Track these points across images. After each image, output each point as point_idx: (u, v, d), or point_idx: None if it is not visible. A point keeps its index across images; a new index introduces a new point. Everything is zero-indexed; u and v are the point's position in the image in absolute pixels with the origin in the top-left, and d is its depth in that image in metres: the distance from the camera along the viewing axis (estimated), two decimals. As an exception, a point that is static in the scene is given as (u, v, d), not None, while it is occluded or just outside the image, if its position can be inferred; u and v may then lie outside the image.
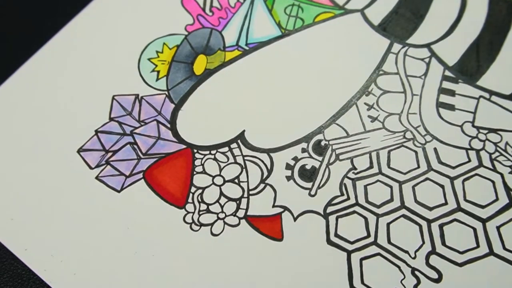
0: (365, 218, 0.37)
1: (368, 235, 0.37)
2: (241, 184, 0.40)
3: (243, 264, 0.37)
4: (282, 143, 0.40)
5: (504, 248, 0.36)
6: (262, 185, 0.39)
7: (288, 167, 0.40)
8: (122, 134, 0.43)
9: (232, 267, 0.37)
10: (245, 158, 0.41)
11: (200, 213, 0.39)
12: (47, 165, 0.42)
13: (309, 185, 0.39)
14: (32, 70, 0.47)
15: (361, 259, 0.36)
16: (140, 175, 0.41)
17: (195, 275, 0.37)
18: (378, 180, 0.39)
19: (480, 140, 0.39)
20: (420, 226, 0.37)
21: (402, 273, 0.35)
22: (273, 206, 0.39)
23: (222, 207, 0.39)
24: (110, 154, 0.42)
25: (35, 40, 0.48)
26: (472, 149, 0.39)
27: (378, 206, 0.38)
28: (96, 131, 0.43)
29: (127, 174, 0.41)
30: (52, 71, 0.47)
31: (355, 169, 0.39)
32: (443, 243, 0.36)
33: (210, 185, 0.40)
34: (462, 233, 0.36)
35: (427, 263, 0.36)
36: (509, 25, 0.44)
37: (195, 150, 0.41)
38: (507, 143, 0.39)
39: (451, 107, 0.41)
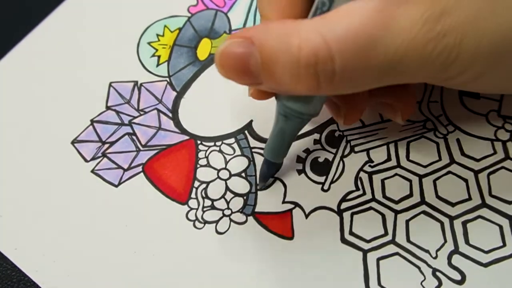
0: (383, 215, 0.37)
1: (386, 233, 0.36)
2: (249, 178, 0.39)
3: (251, 264, 0.36)
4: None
5: (533, 247, 0.35)
6: (271, 180, 0.39)
7: (299, 159, 0.40)
8: (120, 124, 0.43)
9: (238, 268, 0.36)
10: (253, 150, 0.40)
11: (204, 209, 0.39)
12: (39, 158, 0.42)
13: (322, 179, 0.39)
14: (22, 54, 0.47)
15: (378, 259, 0.36)
16: (139, 169, 0.41)
17: (199, 276, 0.36)
18: (396, 174, 0.38)
19: (507, 131, 0.39)
20: (442, 224, 0.36)
21: (423, 274, 0.35)
22: (283, 202, 0.38)
23: (228, 203, 0.39)
24: (107, 145, 0.42)
25: (25, 22, 0.48)
26: (498, 140, 0.38)
27: (397, 202, 0.37)
28: (92, 121, 0.43)
29: (125, 168, 0.41)
30: (43, 56, 0.47)
31: (372, 162, 0.39)
32: (467, 242, 0.35)
33: (215, 179, 0.40)
34: (487, 231, 0.36)
35: (450, 264, 0.35)
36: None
37: (199, 142, 0.41)
38: (535, 134, 0.38)
39: (475, 95, 0.40)
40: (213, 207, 0.39)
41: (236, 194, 0.39)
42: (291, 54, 0.27)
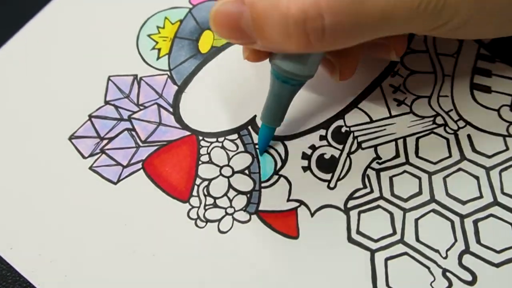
0: (391, 213, 0.37)
1: (394, 232, 0.36)
2: (252, 175, 0.39)
3: (254, 264, 0.36)
4: (298, 129, 0.40)
5: (547, 247, 0.35)
6: (275, 177, 0.39)
7: (305, 156, 0.39)
8: (119, 119, 0.43)
9: (241, 268, 0.36)
10: (257, 146, 0.40)
11: (206, 207, 0.39)
12: (35, 154, 0.42)
13: (328, 176, 0.39)
14: (17, 47, 0.47)
15: (386, 259, 0.36)
16: (139, 165, 0.41)
17: (201, 277, 0.36)
18: (405, 171, 0.38)
19: (520, 126, 0.38)
20: (452, 222, 0.36)
21: (432, 274, 0.35)
22: (288, 200, 0.38)
23: (230, 201, 0.39)
24: (105, 141, 0.42)
25: (20, 14, 0.48)
26: (510, 136, 0.38)
27: (405, 200, 0.37)
28: (90, 116, 0.43)
29: (125, 164, 0.41)
30: (39, 49, 0.47)
31: (379, 158, 0.39)
32: (478, 241, 0.35)
33: (217, 176, 0.40)
34: (499, 230, 0.36)
35: (460, 264, 0.35)
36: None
37: (201, 137, 0.41)
38: (549, 130, 0.38)
39: (487, 89, 0.40)
40: (215, 205, 0.39)
41: (239, 192, 0.39)
42: (280, 12, 0.28)
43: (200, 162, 0.40)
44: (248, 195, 0.39)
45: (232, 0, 0.30)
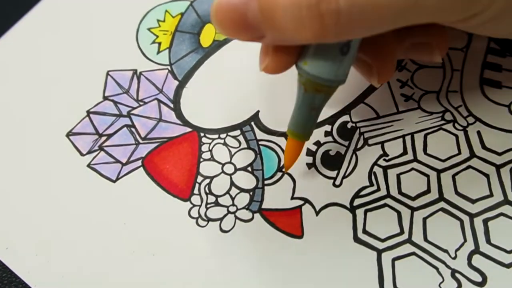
0: (398, 212, 0.37)
1: (402, 232, 0.36)
2: (255, 172, 0.39)
3: (257, 265, 0.36)
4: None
5: (559, 247, 0.35)
6: (279, 174, 0.39)
7: (309, 153, 0.39)
8: (118, 116, 0.43)
9: (244, 268, 0.36)
10: (260, 142, 0.40)
11: (208, 206, 0.39)
12: (31, 151, 0.42)
13: (333, 174, 0.38)
14: (13, 41, 0.47)
15: (394, 260, 0.35)
16: (139, 163, 0.41)
17: (202, 278, 0.36)
18: (412, 168, 0.38)
19: (531, 122, 0.38)
20: (462, 222, 0.36)
21: (441, 275, 0.35)
22: (292, 198, 0.38)
23: (233, 199, 0.39)
24: (104, 138, 0.42)
25: (16, 7, 0.48)
26: (521, 132, 0.38)
27: (413, 199, 0.37)
28: (88, 112, 0.43)
29: (124, 162, 0.41)
30: (35, 43, 0.47)
31: (387, 155, 0.39)
32: (488, 241, 0.35)
33: (219, 174, 0.40)
34: (510, 230, 0.35)
35: (470, 264, 0.35)
36: None
37: (202, 134, 0.41)
38: (561, 126, 0.38)
39: (497, 84, 0.40)
40: (217, 204, 0.39)
41: (242, 190, 0.39)
42: None
43: (201, 159, 0.40)
44: (251, 193, 0.39)
45: None
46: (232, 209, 0.38)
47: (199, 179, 0.39)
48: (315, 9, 0.26)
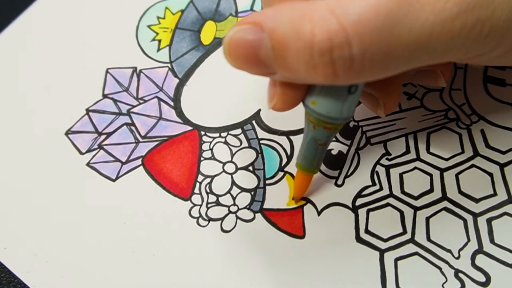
0: (401, 212, 0.37)
1: (404, 232, 0.36)
2: (256, 172, 0.39)
3: (258, 265, 0.36)
4: (304, 124, 0.38)
5: None
6: (280, 174, 0.39)
7: None
8: (118, 114, 0.43)
9: (245, 269, 0.36)
10: (261, 141, 0.40)
11: (209, 206, 0.38)
12: (30, 150, 0.42)
13: (335, 173, 0.38)
14: (12, 38, 0.47)
15: (396, 259, 0.35)
16: (139, 162, 0.41)
17: (202, 278, 0.36)
18: (415, 168, 0.38)
19: (535, 121, 0.38)
20: (465, 221, 0.36)
21: (444, 275, 0.34)
22: (294, 198, 0.38)
23: (234, 199, 0.39)
24: (103, 137, 0.42)
25: (16, 3, 0.48)
26: (525, 131, 0.38)
27: (416, 198, 0.37)
28: (87, 110, 0.43)
29: (124, 161, 0.41)
30: (34, 40, 0.47)
31: (389, 154, 0.39)
32: (492, 241, 0.35)
33: (220, 173, 0.39)
34: (514, 229, 0.35)
35: (473, 264, 0.35)
36: None
37: (203, 133, 0.41)
38: None
39: (500, 82, 0.40)
40: (218, 203, 0.39)
41: (243, 189, 0.39)
42: (304, 40, 0.26)
43: (202, 158, 0.40)
44: (252, 193, 0.39)
45: (249, 26, 0.28)
46: (233, 208, 0.38)
47: (200, 178, 0.39)
48: (328, 56, 0.26)
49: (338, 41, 0.25)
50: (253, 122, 0.41)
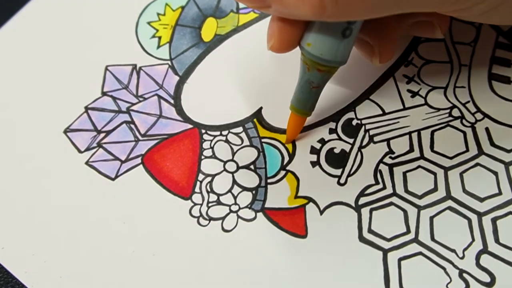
0: (404, 211, 0.37)
1: (408, 231, 0.36)
2: (258, 171, 0.39)
3: (260, 265, 0.36)
4: (306, 122, 0.39)
5: None
6: (282, 172, 0.39)
7: (314, 150, 0.39)
8: (117, 112, 0.42)
9: (246, 269, 0.36)
10: (263, 140, 0.40)
11: (209, 205, 0.38)
12: (28, 149, 0.42)
13: (338, 172, 0.38)
14: (9, 34, 0.47)
15: (400, 259, 0.35)
16: (138, 160, 0.40)
17: (203, 278, 0.36)
18: (419, 166, 0.38)
19: (541, 119, 0.38)
20: (469, 220, 0.36)
21: (448, 275, 0.34)
22: (296, 197, 0.38)
23: (235, 198, 0.38)
24: (102, 135, 0.42)
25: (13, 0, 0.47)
26: (531, 129, 0.38)
27: (420, 197, 0.37)
28: (86, 108, 0.43)
29: (123, 159, 0.41)
30: (32, 37, 0.47)
31: (393, 153, 0.38)
32: (497, 240, 0.35)
33: (221, 172, 0.39)
34: (520, 229, 0.35)
35: (478, 264, 0.35)
36: None
37: (203, 131, 0.41)
38: None
39: (506, 80, 0.40)
40: (219, 203, 0.38)
41: (244, 188, 0.39)
42: None
43: (203, 157, 0.40)
44: (254, 192, 0.38)
45: None
46: (234, 208, 0.38)
47: (200, 177, 0.39)
48: None
49: None
50: (255, 120, 0.41)
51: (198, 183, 0.39)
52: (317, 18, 0.29)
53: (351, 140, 0.39)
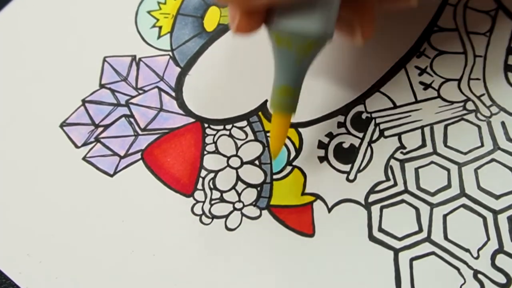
0: (416, 209, 0.36)
1: (420, 230, 0.36)
2: (263, 166, 0.39)
3: (265, 265, 0.36)
4: (313, 116, 0.40)
5: None
6: (288, 168, 0.39)
7: (321, 145, 0.39)
8: (116, 105, 0.42)
9: (251, 269, 0.36)
10: (268, 134, 0.40)
11: (212, 202, 0.38)
12: (23, 143, 0.42)
13: (347, 168, 0.38)
14: (3, 23, 0.47)
15: (411, 260, 0.35)
16: (138, 156, 0.40)
17: (205, 279, 0.36)
18: (432, 162, 0.38)
19: (559, 113, 0.38)
20: (484, 219, 0.36)
21: (462, 276, 0.34)
22: (303, 194, 0.38)
23: (239, 195, 0.38)
24: (100, 129, 0.42)
25: None
26: (548, 123, 0.38)
27: (432, 194, 0.37)
28: (83, 101, 0.43)
29: (122, 155, 0.40)
30: (27, 27, 0.47)
31: (404, 148, 0.38)
32: (513, 240, 0.35)
33: (225, 168, 0.39)
34: (537, 228, 0.35)
35: (493, 264, 0.34)
36: None
37: (206, 125, 0.41)
38: None
39: (522, 71, 0.39)
40: (222, 200, 0.38)
41: (249, 185, 0.39)
42: None
43: (205, 152, 0.40)
44: (259, 188, 0.38)
45: None
46: (238, 205, 0.38)
47: (203, 173, 0.39)
48: None
49: None
50: (260, 114, 0.41)
51: (200, 179, 0.39)
52: None
53: (360, 135, 0.39)
